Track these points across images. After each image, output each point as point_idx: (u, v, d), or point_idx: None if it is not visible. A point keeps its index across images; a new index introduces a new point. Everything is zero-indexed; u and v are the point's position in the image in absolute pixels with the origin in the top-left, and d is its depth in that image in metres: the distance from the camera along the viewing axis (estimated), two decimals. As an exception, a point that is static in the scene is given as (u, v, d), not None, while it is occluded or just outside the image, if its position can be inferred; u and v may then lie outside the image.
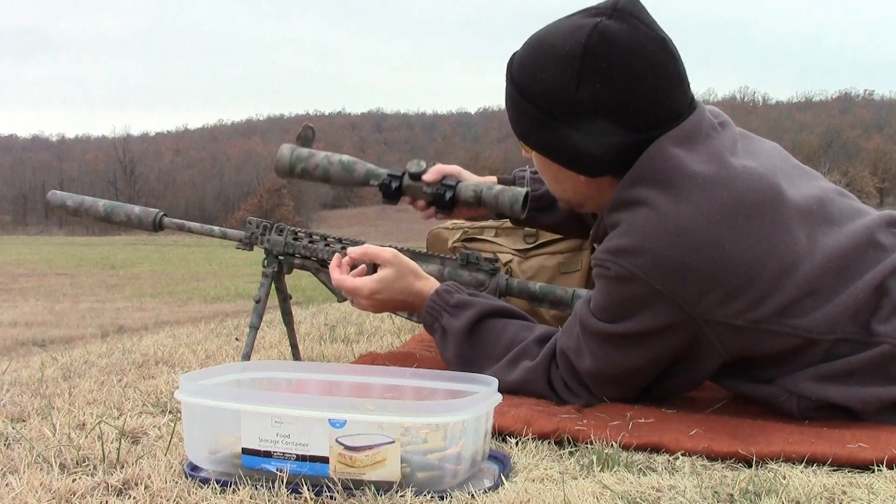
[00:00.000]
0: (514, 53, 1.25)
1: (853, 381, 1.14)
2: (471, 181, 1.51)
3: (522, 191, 1.44)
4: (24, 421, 1.22)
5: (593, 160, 1.19)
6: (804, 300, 1.12)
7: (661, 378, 1.23)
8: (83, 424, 1.17)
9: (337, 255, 1.46)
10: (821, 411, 1.16)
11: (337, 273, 1.42)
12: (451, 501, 0.85)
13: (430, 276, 1.42)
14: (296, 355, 1.71)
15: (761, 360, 1.17)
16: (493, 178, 1.62)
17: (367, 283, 1.39)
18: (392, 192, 1.51)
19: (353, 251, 1.43)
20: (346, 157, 1.55)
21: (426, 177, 1.50)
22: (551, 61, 1.16)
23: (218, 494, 0.86)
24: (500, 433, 1.10)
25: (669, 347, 1.18)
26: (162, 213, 1.66)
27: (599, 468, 0.96)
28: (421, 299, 1.38)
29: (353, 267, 1.43)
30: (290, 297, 1.66)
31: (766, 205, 1.13)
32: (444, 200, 1.49)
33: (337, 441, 0.85)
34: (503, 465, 0.96)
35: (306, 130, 1.56)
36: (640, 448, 1.05)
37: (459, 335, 1.32)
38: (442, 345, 1.36)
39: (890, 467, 0.97)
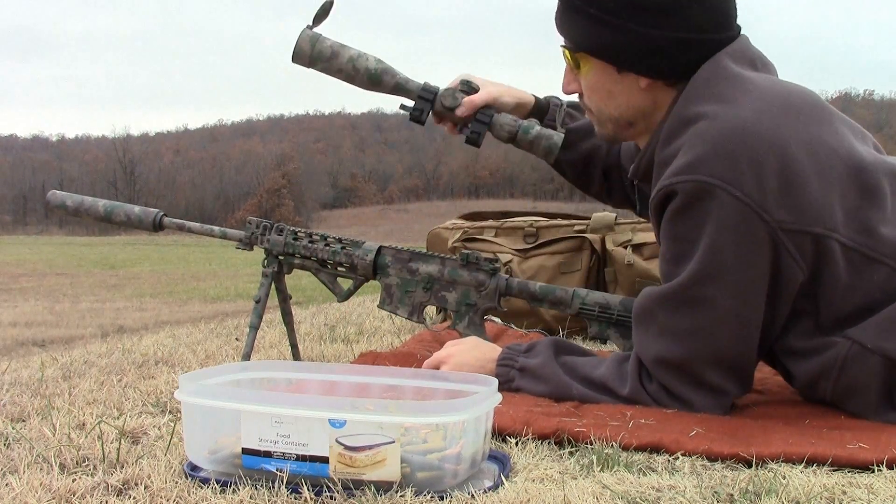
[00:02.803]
0: None
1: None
2: (507, 116, 1.47)
3: (559, 140, 1.44)
4: (24, 421, 1.22)
5: (661, 55, 1.19)
6: (875, 215, 1.13)
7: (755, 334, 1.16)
8: (83, 424, 1.17)
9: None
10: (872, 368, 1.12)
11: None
12: (451, 501, 0.85)
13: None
14: (296, 355, 1.71)
15: (837, 307, 1.14)
16: (531, 99, 1.55)
17: (441, 350, 1.42)
18: (420, 119, 1.48)
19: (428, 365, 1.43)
20: (373, 66, 1.47)
21: (459, 111, 1.46)
22: None
23: (218, 494, 0.86)
24: (500, 433, 1.10)
25: (752, 274, 1.12)
26: (162, 213, 1.66)
27: (599, 468, 0.96)
28: (492, 359, 1.36)
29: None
30: (290, 297, 1.67)
31: (825, 110, 1.17)
32: (477, 141, 1.47)
33: (337, 441, 0.85)
34: (503, 465, 0.96)
35: (326, 5, 1.46)
36: (640, 448, 1.05)
37: (542, 366, 1.30)
38: (527, 384, 1.31)
39: (890, 467, 0.97)
